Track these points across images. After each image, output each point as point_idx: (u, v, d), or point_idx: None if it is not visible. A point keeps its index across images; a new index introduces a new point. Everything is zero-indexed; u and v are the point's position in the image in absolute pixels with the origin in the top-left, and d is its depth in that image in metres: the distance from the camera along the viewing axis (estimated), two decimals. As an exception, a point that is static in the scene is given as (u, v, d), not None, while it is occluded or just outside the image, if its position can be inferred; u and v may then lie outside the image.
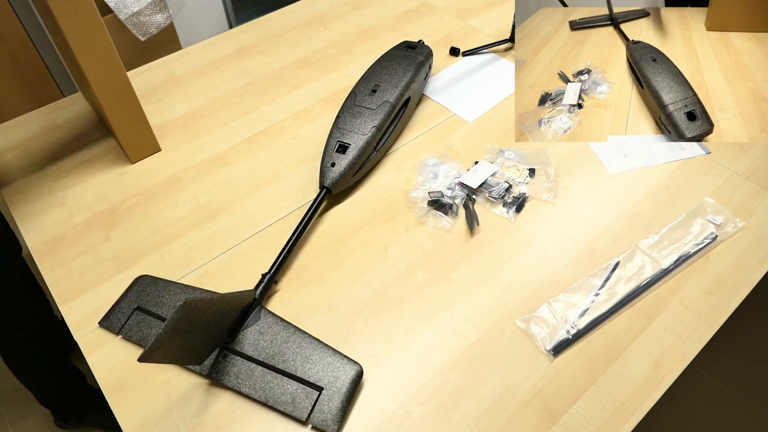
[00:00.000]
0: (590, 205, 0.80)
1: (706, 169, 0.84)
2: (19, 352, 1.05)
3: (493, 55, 1.09)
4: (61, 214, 0.80)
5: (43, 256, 0.75)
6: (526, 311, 0.68)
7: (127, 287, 0.70)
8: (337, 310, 0.69)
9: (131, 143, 0.86)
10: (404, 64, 0.91)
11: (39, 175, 0.86)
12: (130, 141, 0.86)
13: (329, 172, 0.78)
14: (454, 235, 0.76)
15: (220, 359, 0.62)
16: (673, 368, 0.63)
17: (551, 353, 0.64)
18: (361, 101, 0.85)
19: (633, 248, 0.74)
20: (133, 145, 0.87)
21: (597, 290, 0.69)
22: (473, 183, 0.80)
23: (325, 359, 0.62)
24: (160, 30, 1.79)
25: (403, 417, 0.59)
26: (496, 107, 0.97)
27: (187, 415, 0.60)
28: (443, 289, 0.70)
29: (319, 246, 0.76)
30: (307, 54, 1.10)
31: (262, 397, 0.60)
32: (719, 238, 0.74)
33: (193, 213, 0.80)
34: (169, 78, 1.05)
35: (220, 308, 0.58)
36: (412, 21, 1.18)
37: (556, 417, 0.59)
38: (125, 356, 0.64)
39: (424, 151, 0.89)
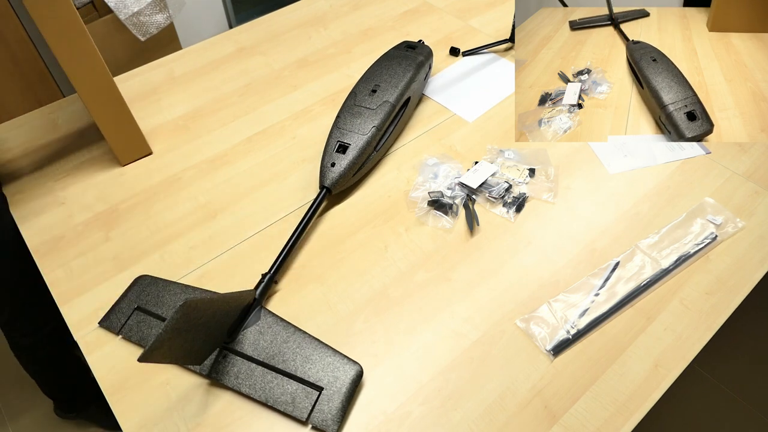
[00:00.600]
0: (590, 205, 0.80)
1: (706, 169, 0.84)
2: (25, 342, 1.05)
3: (493, 55, 1.09)
4: (61, 214, 0.80)
5: (43, 256, 0.75)
6: (526, 311, 0.68)
7: (127, 287, 0.70)
8: (337, 310, 0.69)
9: (120, 146, 0.86)
10: (404, 64, 0.91)
11: (39, 175, 0.86)
12: (119, 144, 0.86)
13: (329, 172, 0.78)
14: (454, 235, 0.76)
15: (220, 359, 0.62)
16: (673, 368, 0.63)
17: (551, 353, 0.64)
18: (361, 101, 0.85)
19: (633, 248, 0.74)
20: (121, 148, 0.86)
21: (597, 290, 0.69)
22: (473, 183, 0.80)
23: (325, 359, 0.62)
24: (160, 30, 1.79)
25: (403, 417, 0.59)
26: (496, 107, 0.97)
27: (187, 415, 0.60)
28: (443, 289, 0.70)
29: (319, 246, 0.76)
30: (307, 54, 1.10)
31: (262, 397, 0.60)
32: (719, 238, 0.74)
33: (193, 213, 0.80)
34: (169, 78, 1.05)
35: (220, 308, 0.58)
36: (412, 21, 1.18)
37: (556, 417, 0.59)
38: (125, 356, 0.64)
39: (424, 151, 0.89)
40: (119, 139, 0.85)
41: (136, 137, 0.87)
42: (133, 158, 0.88)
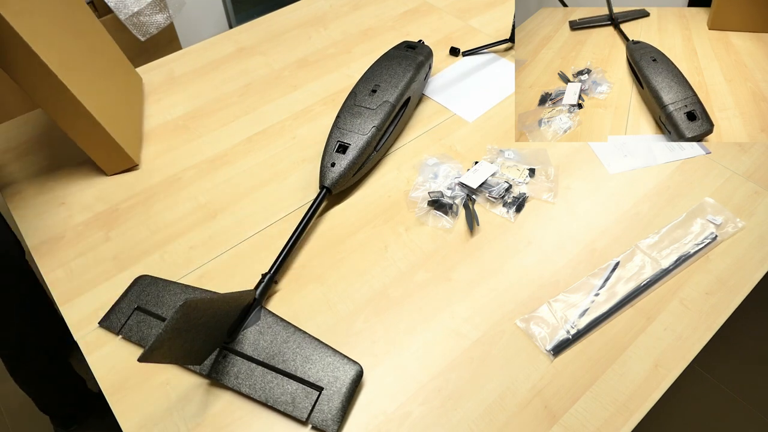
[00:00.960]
0: (590, 205, 0.80)
1: (706, 169, 0.84)
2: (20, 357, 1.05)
3: (493, 55, 1.09)
4: (61, 214, 0.80)
5: (43, 256, 0.75)
6: (526, 311, 0.68)
7: (127, 287, 0.70)
8: (337, 310, 0.69)
9: (101, 159, 0.84)
10: (404, 64, 0.91)
11: (39, 175, 0.86)
12: (99, 157, 0.84)
13: (329, 172, 0.78)
14: (454, 235, 0.76)
15: (220, 359, 0.62)
16: (673, 368, 0.63)
17: (551, 353, 0.64)
18: (361, 101, 0.85)
19: (633, 248, 0.74)
20: (103, 161, 0.84)
21: (597, 290, 0.69)
22: (473, 183, 0.80)
23: (325, 359, 0.62)
24: (160, 30, 1.79)
25: (403, 417, 0.59)
26: (496, 107, 0.97)
27: (187, 415, 0.60)
28: (443, 289, 0.70)
29: (319, 246, 0.76)
30: (307, 54, 1.10)
31: (262, 397, 0.60)
32: (719, 238, 0.74)
33: (193, 213, 0.80)
34: (169, 78, 1.05)
35: (220, 308, 0.58)
36: (412, 21, 1.18)
37: (556, 417, 0.59)
38: (125, 356, 0.64)
39: (424, 151, 0.89)
40: (98, 153, 0.83)
41: (115, 151, 0.83)
42: (117, 170, 0.86)
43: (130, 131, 0.88)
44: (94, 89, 0.81)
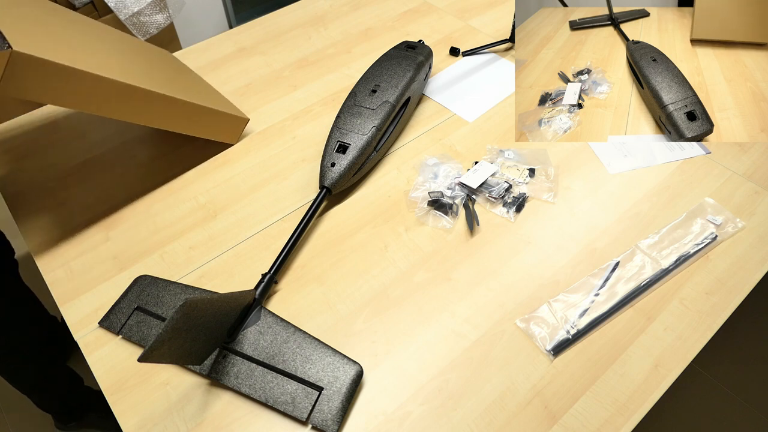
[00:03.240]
0: (590, 205, 0.80)
1: (706, 169, 0.84)
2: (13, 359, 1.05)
3: (493, 55, 1.09)
4: (61, 214, 0.80)
5: (43, 256, 0.75)
6: (526, 311, 0.68)
7: (127, 287, 0.70)
8: (337, 310, 0.69)
9: (222, 134, 0.88)
10: (404, 64, 0.91)
11: (39, 175, 0.86)
12: (221, 133, 0.88)
13: (329, 172, 0.78)
14: (454, 235, 0.76)
15: (220, 359, 0.62)
16: (673, 368, 0.63)
17: (551, 353, 0.64)
18: (361, 101, 0.85)
19: (633, 248, 0.74)
20: (225, 134, 0.89)
21: (597, 290, 0.69)
22: (473, 183, 0.80)
23: (325, 359, 0.62)
24: (160, 30, 1.79)
25: (403, 417, 0.59)
26: (496, 107, 0.97)
27: (187, 415, 0.60)
28: (443, 289, 0.70)
29: (319, 246, 0.76)
30: (307, 54, 1.10)
31: (262, 397, 0.60)
32: (719, 238, 0.74)
33: (193, 213, 0.80)
34: (169, 78, 1.05)
35: (220, 308, 0.58)
36: (412, 21, 1.18)
37: (556, 417, 0.59)
38: (125, 356, 0.64)
39: (424, 151, 0.89)
40: (218, 131, 0.87)
41: (226, 119, 0.88)
42: (240, 133, 0.91)
43: (214, 99, 0.91)
44: (172, 82, 0.85)
